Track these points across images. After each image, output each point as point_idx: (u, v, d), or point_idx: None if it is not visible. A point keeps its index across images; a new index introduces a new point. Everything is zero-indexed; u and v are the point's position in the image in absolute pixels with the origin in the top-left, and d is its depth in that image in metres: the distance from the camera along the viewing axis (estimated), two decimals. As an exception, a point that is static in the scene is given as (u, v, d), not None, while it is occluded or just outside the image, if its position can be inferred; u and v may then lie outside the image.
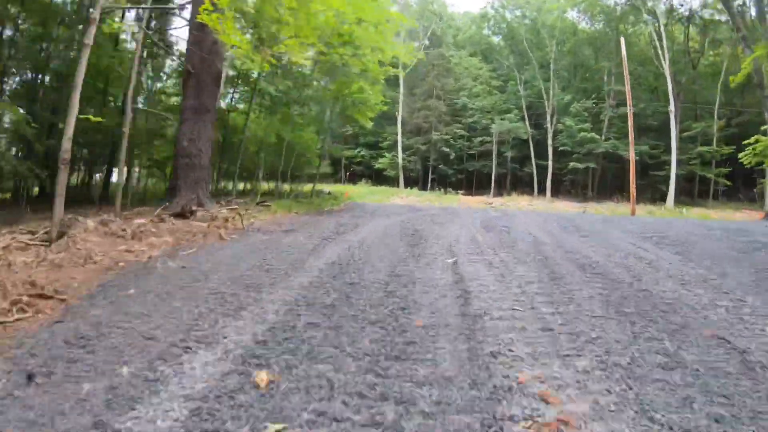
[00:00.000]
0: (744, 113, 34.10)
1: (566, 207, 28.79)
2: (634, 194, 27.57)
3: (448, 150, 37.14)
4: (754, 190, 33.22)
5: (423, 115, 38.98)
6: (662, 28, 32.68)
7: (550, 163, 34.38)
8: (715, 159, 32.15)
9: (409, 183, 38.88)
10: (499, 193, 35.09)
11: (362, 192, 34.93)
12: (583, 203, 31.55)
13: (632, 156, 28.01)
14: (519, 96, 37.69)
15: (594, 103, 34.25)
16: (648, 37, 37.08)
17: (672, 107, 31.19)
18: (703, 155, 31.85)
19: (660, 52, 32.64)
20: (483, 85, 38.31)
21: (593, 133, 32.23)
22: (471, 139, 37.95)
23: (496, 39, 45.39)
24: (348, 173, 44.71)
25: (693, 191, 34.41)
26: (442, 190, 35.36)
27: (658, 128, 33.96)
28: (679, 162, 31.14)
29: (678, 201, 30.58)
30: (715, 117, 32.46)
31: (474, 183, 38.77)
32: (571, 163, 32.48)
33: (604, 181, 36.86)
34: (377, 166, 39.74)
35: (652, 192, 33.95)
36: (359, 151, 42.68)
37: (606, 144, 32.51)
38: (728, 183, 32.17)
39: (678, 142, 31.11)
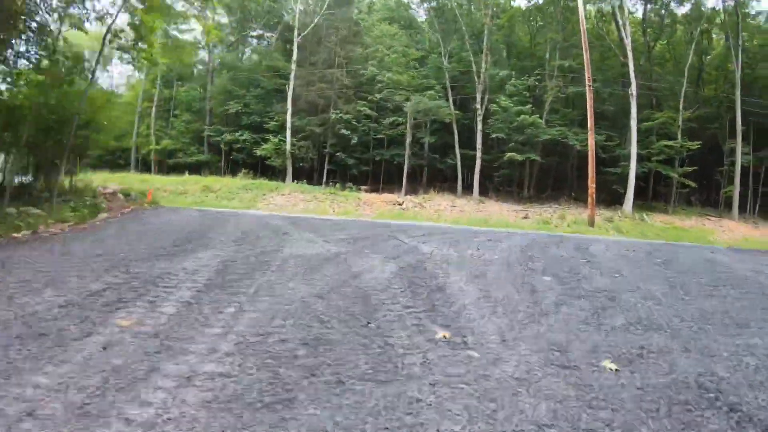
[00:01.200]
0: (701, 106, 28.12)
1: (504, 212, 20.85)
2: (594, 197, 20.10)
3: (349, 133, 27.91)
4: (721, 194, 27.29)
5: (319, 89, 29.75)
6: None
7: (478, 153, 26.30)
8: (680, 156, 25.67)
9: (301, 175, 29.59)
10: (413, 190, 26.62)
11: (232, 187, 25.53)
12: (522, 206, 23.87)
13: (591, 144, 20.45)
14: (442, 70, 29.25)
15: (537, 80, 26.66)
16: (596, 15, 30.38)
17: (633, 89, 24.24)
18: (665, 150, 25.16)
19: (620, 22, 25.75)
20: (397, 54, 29.37)
21: (536, 116, 24.56)
22: (379, 121, 28.91)
23: (417, 14, 37.38)
24: (228, 162, 34.92)
25: (647, 193, 27.96)
26: (340, 184, 26.47)
27: (613, 116, 27.10)
28: (639, 157, 24.33)
29: (634, 205, 23.83)
30: (680, 106, 25.96)
31: (382, 177, 29.87)
32: (507, 154, 24.49)
33: (542, 177, 29.56)
34: (259, 152, 30.00)
35: (601, 192, 26.96)
36: (241, 135, 32.73)
37: (552, 131, 24.99)
38: (693, 185, 25.78)
39: (637, 134, 24.32)
